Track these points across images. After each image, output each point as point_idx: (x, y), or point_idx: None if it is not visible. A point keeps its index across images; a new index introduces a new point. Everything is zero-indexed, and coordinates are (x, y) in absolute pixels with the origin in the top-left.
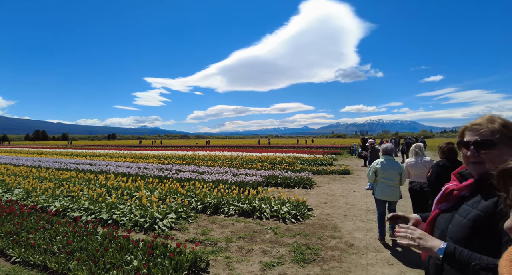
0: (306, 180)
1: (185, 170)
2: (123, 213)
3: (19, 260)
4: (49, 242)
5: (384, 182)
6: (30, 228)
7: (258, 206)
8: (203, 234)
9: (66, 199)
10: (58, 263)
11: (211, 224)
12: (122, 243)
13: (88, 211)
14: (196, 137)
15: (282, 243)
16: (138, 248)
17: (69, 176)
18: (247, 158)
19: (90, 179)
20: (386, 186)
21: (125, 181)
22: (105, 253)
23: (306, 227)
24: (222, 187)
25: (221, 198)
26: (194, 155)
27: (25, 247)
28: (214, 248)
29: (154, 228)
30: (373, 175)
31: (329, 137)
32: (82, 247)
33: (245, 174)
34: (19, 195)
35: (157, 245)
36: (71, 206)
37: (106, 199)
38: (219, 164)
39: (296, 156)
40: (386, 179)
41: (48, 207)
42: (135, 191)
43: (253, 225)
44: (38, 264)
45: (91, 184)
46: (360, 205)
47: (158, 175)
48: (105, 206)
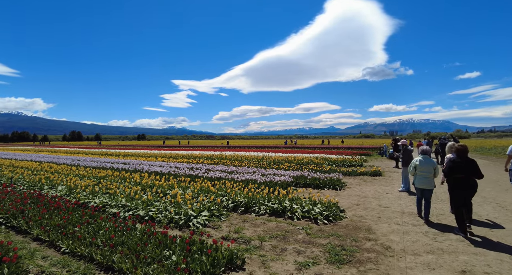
0: (336, 181)
1: (214, 169)
2: (158, 210)
3: (68, 251)
4: (93, 235)
5: (422, 175)
6: (75, 222)
7: (289, 206)
8: (236, 232)
9: (105, 196)
10: (103, 256)
11: (243, 223)
12: (160, 238)
13: (126, 208)
14: (221, 138)
15: (316, 243)
16: (176, 244)
17: (106, 174)
18: (273, 158)
19: (125, 177)
20: (423, 177)
21: (158, 179)
22: (145, 248)
23: (339, 228)
24: (252, 186)
25: (252, 197)
26: (222, 155)
27: (72, 239)
28: (248, 246)
29: (188, 225)
30: (413, 170)
31: (356, 138)
32: (123, 242)
33: (273, 174)
34: (62, 191)
35: (194, 242)
36: (110, 202)
37: (142, 197)
38: (246, 164)
39: (324, 156)
40: (423, 172)
41: (89, 203)
42: (168, 189)
43: (285, 225)
44: (84, 255)
45: (126, 182)
46: (394, 207)
47: (189, 174)
48: (141, 203)
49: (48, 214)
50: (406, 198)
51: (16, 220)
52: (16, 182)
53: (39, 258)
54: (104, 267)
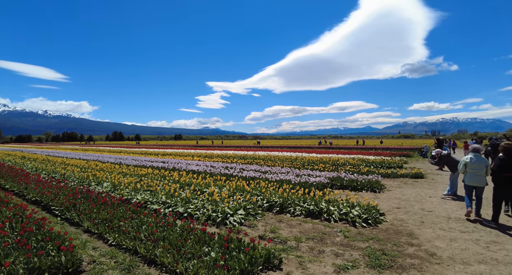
0: (375, 183)
1: (248, 169)
2: (196, 207)
3: (114, 244)
4: (137, 230)
5: (473, 172)
6: (120, 216)
7: (325, 208)
8: (272, 231)
9: (146, 193)
10: (147, 249)
11: (278, 223)
12: (199, 235)
13: (166, 204)
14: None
15: (354, 246)
16: (214, 240)
17: (146, 172)
18: (307, 159)
19: (164, 175)
20: (475, 175)
21: (195, 178)
22: (185, 243)
23: (379, 232)
24: (286, 187)
25: (287, 198)
26: (255, 155)
27: (118, 232)
28: (284, 246)
29: (225, 222)
30: (463, 167)
31: (395, 138)
32: (164, 237)
33: (308, 175)
34: (107, 187)
35: (232, 239)
36: (151, 199)
37: (181, 194)
38: (279, 164)
39: (361, 157)
40: (474, 169)
41: (132, 199)
42: (205, 187)
43: (321, 226)
44: (129, 248)
45: (166, 180)
46: (438, 211)
47: (225, 173)
48: (180, 200)
49: (96, 208)
50: (452, 203)
51: (69, 213)
52: (68, 178)
53: (90, 248)
54: (148, 260)
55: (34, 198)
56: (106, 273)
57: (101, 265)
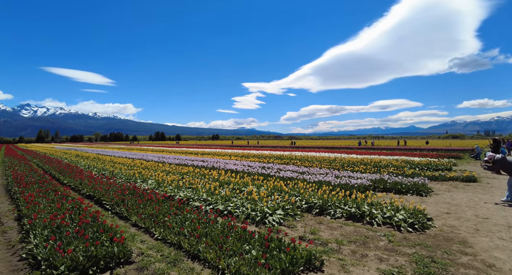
0: (421, 186)
1: (285, 169)
2: (236, 206)
3: (160, 238)
4: (181, 225)
5: None
6: (165, 212)
7: (368, 211)
8: (312, 233)
9: (188, 190)
10: (190, 244)
11: (318, 224)
12: (240, 233)
13: (207, 202)
14: (289, 138)
15: (400, 252)
16: (255, 239)
17: (188, 171)
18: (347, 160)
19: (204, 174)
20: None
21: (233, 177)
22: (226, 240)
23: (427, 238)
24: (326, 188)
25: (326, 199)
26: (291, 155)
27: (163, 227)
28: (325, 248)
29: (264, 222)
30: None
31: (442, 138)
32: (207, 233)
33: (349, 176)
34: (152, 184)
35: (272, 239)
36: (193, 196)
37: (220, 192)
38: (317, 165)
39: (405, 159)
40: None
41: (175, 196)
42: (243, 186)
43: (364, 230)
44: (174, 243)
45: (206, 178)
46: (496, 219)
47: (262, 173)
48: (220, 198)
49: (143, 204)
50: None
51: (118, 207)
52: (116, 175)
53: (138, 241)
54: (191, 255)
55: (88, 193)
56: (153, 265)
57: (148, 258)
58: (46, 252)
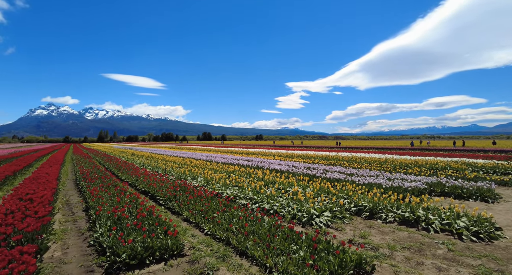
0: (487, 191)
1: (332, 170)
2: (282, 205)
3: (209, 233)
4: (229, 222)
5: None
6: (214, 209)
7: (423, 216)
8: (361, 237)
9: (235, 188)
10: (238, 241)
11: (368, 228)
12: (287, 233)
13: (253, 200)
14: (335, 138)
15: (462, 263)
16: (302, 240)
17: (234, 169)
18: (399, 161)
19: (250, 173)
20: None
21: (278, 176)
22: (274, 239)
23: (495, 249)
24: (376, 191)
25: (377, 202)
26: (338, 156)
27: (212, 223)
28: (376, 253)
29: (311, 223)
30: None
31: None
32: (254, 231)
33: (401, 179)
34: (201, 182)
35: (320, 240)
36: (239, 194)
37: (266, 191)
38: (366, 166)
39: (466, 161)
40: None
41: (222, 193)
42: (288, 186)
43: (419, 236)
44: (223, 239)
45: (251, 177)
46: None
47: (307, 173)
48: (266, 197)
49: (193, 200)
50: None
51: (171, 203)
52: (168, 173)
53: (190, 235)
54: (239, 252)
55: (143, 189)
56: (204, 259)
57: (199, 252)
58: (110, 240)
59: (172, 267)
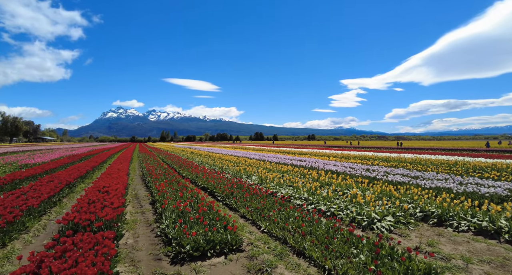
0: None
1: (393, 172)
2: (339, 208)
3: (266, 231)
4: (285, 221)
5: None
6: (269, 207)
7: (506, 227)
8: (429, 245)
9: (289, 188)
10: (295, 241)
11: (437, 236)
12: (346, 235)
13: (308, 201)
14: (395, 138)
15: None
16: (363, 244)
17: (287, 169)
18: (472, 164)
19: (304, 173)
20: None
21: (334, 178)
22: (332, 241)
23: None
24: (446, 196)
25: (447, 209)
26: (399, 157)
27: (268, 221)
28: (447, 264)
29: (372, 227)
30: None
31: None
32: (311, 231)
33: (476, 184)
34: (255, 180)
35: (383, 245)
36: (294, 194)
37: (322, 193)
38: (433, 169)
39: None
40: None
41: (277, 192)
42: (346, 188)
43: (501, 250)
44: (279, 237)
45: (305, 178)
46: None
47: (366, 175)
48: (322, 199)
49: (249, 198)
50: None
51: (228, 199)
52: (224, 170)
53: (247, 232)
54: (296, 251)
55: (203, 185)
56: (262, 256)
57: (257, 248)
58: (175, 232)
59: (231, 261)
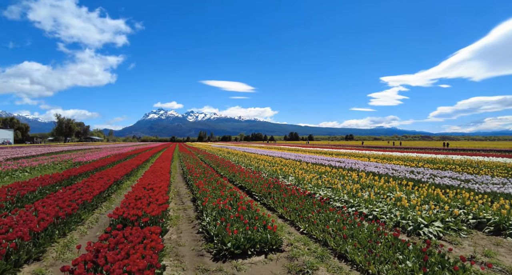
0: None
1: (441, 175)
2: (382, 211)
3: (305, 232)
4: (325, 223)
5: None
6: (308, 208)
7: None
8: (486, 255)
9: (328, 189)
10: (336, 244)
11: (494, 246)
12: (391, 240)
13: (348, 204)
14: (441, 138)
15: None
16: (409, 249)
17: (325, 170)
18: None
19: (343, 175)
20: None
21: (376, 180)
22: (376, 246)
23: None
24: (504, 202)
25: (507, 216)
26: (446, 159)
27: (308, 223)
28: None
29: (418, 233)
30: None
31: None
32: (353, 235)
33: None
34: (292, 181)
35: (432, 252)
36: (333, 196)
37: (363, 195)
38: (486, 172)
39: None
40: None
41: (315, 194)
42: (389, 191)
43: None
44: (319, 239)
45: (345, 179)
46: None
47: (410, 178)
48: (363, 202)
49: (287, 198)
50: None
51: (266, 199)
52: (260, 170)
53: (286, 232)
54: (337, 254)
55: (240, 184)
56: (302, 257)
57: (297, 249)
58: (217, 229)
59: (272, 260)
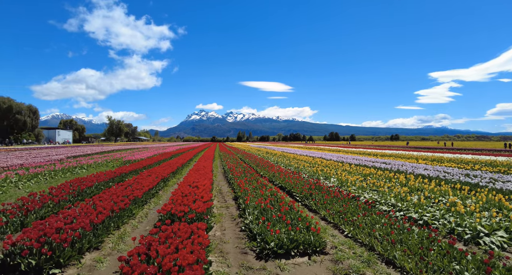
0: None
1: (503, 179)
2: (434, 217)
3: (350, 236)
4: (371, 227)
5: None
6: (352, 211)
7: None
8: None
9: (373, 192)
10: (384, 249)
11: None
12: (445, 248)
13: (396, 207)
14: (501, 139)
15: None
16: (467, 259)
17: (369, 172)
18: None
19: (389, 177)
20: None
21: (426, 183)
22: (428, 253)
23: None
24: None
25: None
26: (510, 161)
27: (353, 226)
28: None
29: (477, 242)
30: None
31: None
32: (402, 240)
33: None
34: (334, 183)
35: (495, 265)
36: (379, 199)
37: (412, 199)
38: None
39: None
40: None
41: (360, 196)
42: (441, 195)
43: None
44: (365, 243)
45: (391, 182)
46: None
47: (466, 181)
48: (412, 206)
49: (330, 200)
50: None
51: (307, 200)
52: (300, 171)
53: (329, 235)
54: (385, 260)
55: (280, 185)
56: (347, 261)
57: (341, 252)
58: (259, 228)
59: (316, 262)
